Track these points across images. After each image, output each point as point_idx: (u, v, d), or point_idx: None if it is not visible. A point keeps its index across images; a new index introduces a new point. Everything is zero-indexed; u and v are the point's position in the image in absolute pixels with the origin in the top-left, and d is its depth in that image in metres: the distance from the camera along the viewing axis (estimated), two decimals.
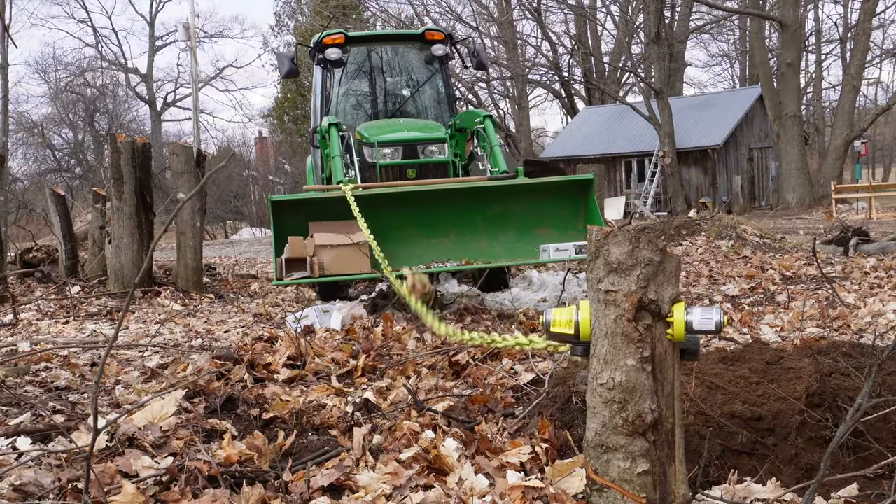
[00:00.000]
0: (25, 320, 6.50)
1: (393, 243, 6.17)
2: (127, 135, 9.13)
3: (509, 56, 33.50)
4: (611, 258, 2.00)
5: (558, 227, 6.48)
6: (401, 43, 8.41)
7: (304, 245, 5.91)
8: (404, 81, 8.48)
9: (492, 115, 7.36)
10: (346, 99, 8.32)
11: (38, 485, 2.32)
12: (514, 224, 6.55)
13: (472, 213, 6.51)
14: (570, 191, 6.61)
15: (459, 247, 6.44)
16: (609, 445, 2.01)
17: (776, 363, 2.80)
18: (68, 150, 40.68)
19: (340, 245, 5.96)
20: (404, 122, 7.64)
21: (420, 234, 6.46)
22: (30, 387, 3.77)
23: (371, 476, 2.45)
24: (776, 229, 15.32)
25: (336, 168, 6.62)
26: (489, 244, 6.50)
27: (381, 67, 8.35)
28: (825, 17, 51.49)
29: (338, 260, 5.95)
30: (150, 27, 45.37)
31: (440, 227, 6.48)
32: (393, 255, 6.22)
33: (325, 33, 7.98)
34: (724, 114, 28.70)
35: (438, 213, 6.40)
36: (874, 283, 6.65)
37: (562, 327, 2.15)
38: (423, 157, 7.02)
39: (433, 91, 8.39)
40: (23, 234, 17.55)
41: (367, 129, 7.25)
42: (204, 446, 2.67)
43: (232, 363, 3.89)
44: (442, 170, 7.06)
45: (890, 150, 47.30)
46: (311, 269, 5.87)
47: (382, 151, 6.94)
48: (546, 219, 6.57)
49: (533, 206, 6.57)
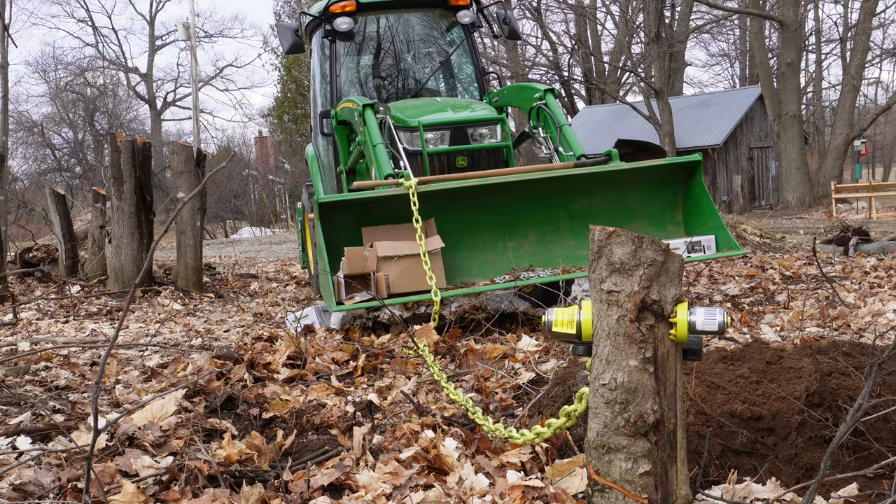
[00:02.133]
0: (25, 320, 6.50)
1: (462, 250, 5.36)
2: (127, 134, 9.13)
3: (509, 56, 33.50)
4: (613, 258, 1.98)
5: (654, 222, 5.58)
6: (420, 10, 7.12)
7: (365, 257, 4.90)
8: (426, 54, 7.27)
9: (553, 88, 6.21)
10: (358, 77, 7.17)
11: (38, 484, 2.32)
12: (603, 220, 5.39)
13: (554, 208, 5.51)
14: (673, 176, 5.60)
15: (542, 249, 5.45)
16: (611, 446, 2.01)
17: (776, 363, 2.80)
18: (68, 149, 40.69)
19: (408, 255, 4.91)
20: (443, 100, 6.49)
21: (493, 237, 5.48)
22: (30, 386, 3.77)
23: (371, 475, 2.45)
24: (776, 229, 15.33)
25: (381, 159, 5.47)
26: (575, 245, 5.46)
27: (398, 39, 7.16)
28: (825, 16, 51.57)
29: (406, 274, 4.89)
30: (150, 27, 45.39)
31: (517, 227, 5.49)
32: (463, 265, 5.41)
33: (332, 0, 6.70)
34: (723, 113, 28.71)
35: (513, 210, 5.44)
36: (874, 282, 6.64)
37: (564, 327, 2.14)
38: (474, 141, 5.93)
39: (461, 65, 7.25)
40: (23, 233, 17.55)
41: (401, 111, 6.02)
42: (204, 446, 2.67)
43: (232, 363, 3.89)
44: (496, 156, 6.03)
45: (890, 150, 47.31)
46: (376, 288, 4.85)
47: (426, 136, 5.80)
48: (643, 212, 5.61)
49: (626, 196, 5.57)
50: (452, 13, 6.99)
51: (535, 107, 6.15)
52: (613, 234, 1.99)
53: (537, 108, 6.14)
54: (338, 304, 4.83)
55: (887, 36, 48.68)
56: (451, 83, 7.31)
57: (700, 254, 5.29)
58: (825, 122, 37.90)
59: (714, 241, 5.34)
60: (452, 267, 5.28)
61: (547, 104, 6.05)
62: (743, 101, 29.17)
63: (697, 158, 5.49)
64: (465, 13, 6.91)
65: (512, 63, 33.05)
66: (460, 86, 7.27)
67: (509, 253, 5.45)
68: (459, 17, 6.92)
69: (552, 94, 6.11)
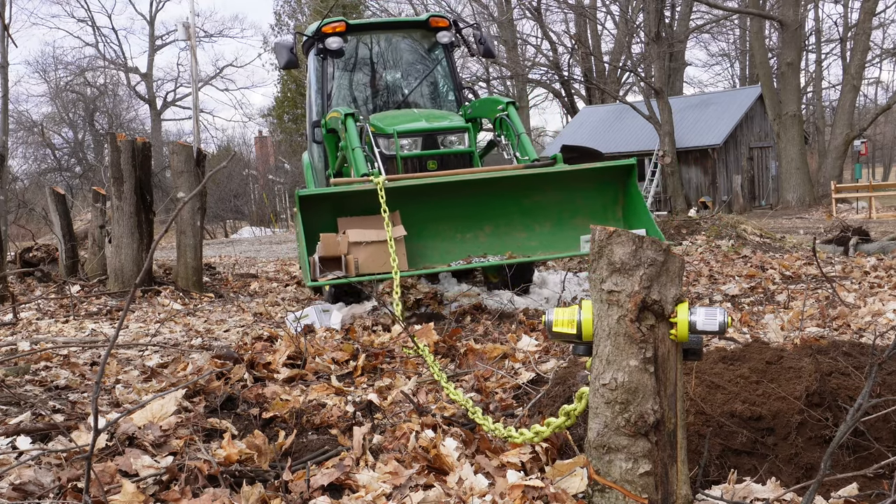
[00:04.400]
0: (25, 319, 6.50)
1: (426, 239, 5.99)
2: (127, 134, 9.14)
3: (509, 55, 33.51)
4: (614, 258, 1.98)
5: (597, 217, 6.23)
6: (404, 31, 7.97)
7: (338, 242, 5.63)
8: (409, 71, 8.07)
9: (514, 102, 6.98)
10: (349, 90, 7.93)
11: (38, 484, 2.32)
12: (551, 215, 6.26)
13: (507, 204, 6.21)
14: (611, 177, 6.29)
15: (496, 240, 6.17)
16: (611, 446, 2.01)
17: (776, 363, 2.80)
18: (68, 149, 40.69)
19: (375, 242, 5.67)
20: (419, 111, 7.26)
21: (453, 228, 6.17)
22: (30, 386, 3.77)
23: (371, 475, 2.44)
24: (776, 229, 15.33)
25: (358, 160, 6.23)
26: (527, 237, 6.24)
27: (384, 56, 7.96)
28: (825, 16, 51.57)
29: (373, 257, 5.64)
30: (150, 26, 45.39)
31: (475, 220, 6.20)
32: (426, 252, 6.07)
33: (325, 21, 7.55)
34: (723, 113, 28.69)
35: (472, 205, 6.12)
36: (874, 282, 6.64)
37: (564, 327, 2.14)
38: (444, 147, 6.68)
39: (440, 80, 8.02)
40: (23, 233, 17.55)
41: (380, 120, 6.81)
42: (204, 445, 2.67)
43: (232, 362, 3.89)
44: (464, 161, 6.71)
45: (890, 150, 47.32)
46: (346, 269, 5.57)
47: (401, 142, 6.56)
48: (584, 208, 6.28)
49: (571, 194, 6.26)
50: (433, 34, 7.77)
51: (498, 117, 6.84)
52: (614, 234, 1.98)
53: (500, 119, 6.83)
54: (312, 280, 5.55)
55: (887, 36, 48.69)
56: (431, 96, 8.05)
57: None
58: (825, 122, 37.92)
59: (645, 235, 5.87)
60: (416, 254, 5.98)
61: (508, 115, 6.73)
62: (743, 101, 29.15)
63: (632, 162, 6.24)
64: (445, 34, 7.68)
65: (512, 63, 33.08)
66: (439, 98, 8.01)
67: (467, 242, 6.17)
68: (439, 38, 7.69)
69: (513, 106, 6.80)
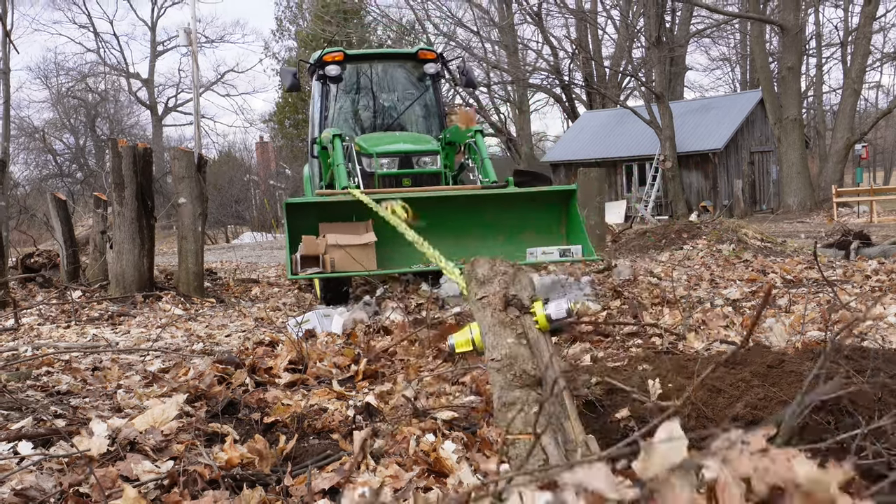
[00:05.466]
0: (27, 325, 6.51)
1: (392, 245, 6.63)
2: (128, 140, 9.20)
3: (510, 60, 33.57)
4: (478, 275, 2.68)
5: (543, 232, 7.12)
6: (395, 61, 9.08)
7: (318, 244, 6.41)
8: (398, 97, 9.06)
9: (482, 130, 7.95)
10: (344, 112, 8.91)
11: (40, 489, 2.32)
12: (504, 229, 7.16)
13: (466, 219, 7.07)
14: (555, 199, 7.25)
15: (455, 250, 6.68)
16: (509, 401, 2.32)
17: (777, 366, 2.80)
18: (69, 155, 40.79)
19: (350, 245, 6.47)
20: (399, 134, 8.30)
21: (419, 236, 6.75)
22: (31, 391, 3.77)
23: (372, 479, 2.44)
24: (777, 233, 15.33)
25: (340, 175, 7.17)
26: (482, 245, 7.06)
27: (376, 83, 8.99)
28: (826, 20, 51.56)
29: (347, 258, 6.44)
30: (152, 32, 45.53)
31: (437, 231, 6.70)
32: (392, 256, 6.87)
33: (325, 51, 8.59)
34: (724, 117, 28.71)
35: (435, 218, 6.72)
36: (875, 286, 6.64)
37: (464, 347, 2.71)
38: (418, 167, 7.62)
39: (425, 106, 8.98)
40: (24, 238, 17.56)
41: (365, 141, 7.78)
42: (205, 450, 2.67)
43: (233, 367, 3.89)
44: (434, 180, 7.65)
45: (891, 154, 47.31)
46: (323, 266, 6.39)
47: (380, 161, 7.50)
48: (532, 225, 7.17)
49: (521, 213, 7.18)
50: (421, 65, 8.72)
51: (468, 143, 7.77)
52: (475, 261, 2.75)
53: (469, 144, 7.77)
54: (293, 273, 6.40)
55: (888, 40, 48.78)
56: (416, 120, 9.00)
57: (569, 257, 6.91)
58: (826, 126, 37.92)
59: (581, 249, 6.89)
60: (385, 257, 6.79)
61: (476, 142, 7.65)
62: (744, 106, 29.17)
63: (573, 188, 7.23)
64: (431, 65, 8.62)
65: (513, 68, 33.13)
66: (423, 122, 8.96)
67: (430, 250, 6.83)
68: (426, 69, 8.62)
69: (481, 133, 7.72)
